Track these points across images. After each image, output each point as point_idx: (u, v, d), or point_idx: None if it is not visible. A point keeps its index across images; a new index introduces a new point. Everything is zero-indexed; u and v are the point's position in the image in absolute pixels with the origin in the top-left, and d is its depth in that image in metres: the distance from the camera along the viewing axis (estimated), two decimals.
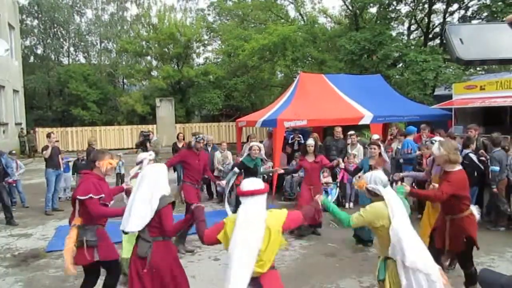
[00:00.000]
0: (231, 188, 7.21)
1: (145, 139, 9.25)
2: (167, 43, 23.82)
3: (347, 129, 9.56)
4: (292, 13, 23.59)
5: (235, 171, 6.61)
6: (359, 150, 8.72)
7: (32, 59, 28.54)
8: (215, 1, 24.79)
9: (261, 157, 6.70)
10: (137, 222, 3.12)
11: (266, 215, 2.74)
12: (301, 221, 3.00)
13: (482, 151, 6.80)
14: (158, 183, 3.20)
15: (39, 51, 29.39)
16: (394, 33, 17.68)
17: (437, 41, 18.17)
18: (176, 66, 24.75)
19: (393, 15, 17.60)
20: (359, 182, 3.37)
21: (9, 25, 19.71)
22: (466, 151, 6.48)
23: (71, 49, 30.67)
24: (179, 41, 23.73)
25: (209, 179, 7.27)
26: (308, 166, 6.57)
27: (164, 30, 23.26)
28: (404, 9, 17.81)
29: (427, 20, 17.94)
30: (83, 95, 23.79)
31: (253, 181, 2.87)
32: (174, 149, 9.66)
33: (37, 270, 5.37)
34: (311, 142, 6.66)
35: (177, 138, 10.19)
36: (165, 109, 20.84)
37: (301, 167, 6.84)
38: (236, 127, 13.55)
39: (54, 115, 25.71)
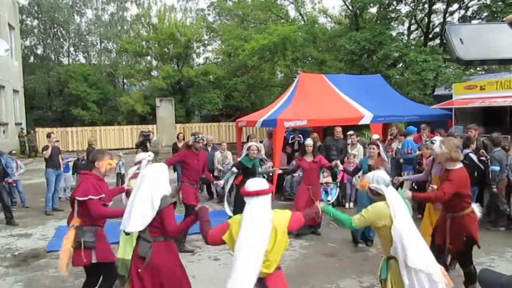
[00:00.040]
0: (231, 188, 7.21)
1: (145, 139, 9.23)
2: (167, 43, 23.82)
3: (347, 129, 9.56)
4: (292, 13, 23.66)
5: (233, 171, 6.62)
6: (359, 150, 8.72)
7: (32, 59, 28.52)
8: (215, 1, 24.79)
9: (261, 157, 6.70)
10: (138, 222, 3.11)
11: (272, 215, 2.74)
12: (303, 223, 3.01)
13: (482, 151, 6.80)
14: (158, 182, 3.19)
15: (39, 51, 29.40)
16: (394, 33, 17.67)
17: (437, 41, 18.17)
18: (176, 66, 24.75)
19: (393, 15, 17.60)
20: (361, 181, 3.37)
21: (9, 25, 19.71)
22: (466, 151, 6.47)
23: (71, 49, 30.67)
24: (179, 41, 23.73)
25: (209, 179, 7.28)
26: (306, 166, 6.58)
27: (164, 30, 23.26)
28: (404, 9, 17.85)
29: (427, 20, 17.94)
30: (83, 95, 23.79)
31: (258, 181, 2.86)
32: (174, 149, 9.67)
33: (37, 270, 5.37)
34: (309, 142, 6.69)
35: (177, 138, 10.21)
36: (165, 109, 20.84)
37: (299, 167, 6.85)
38: (236, 127, 13.55)
39: (54, 115, 25.70)
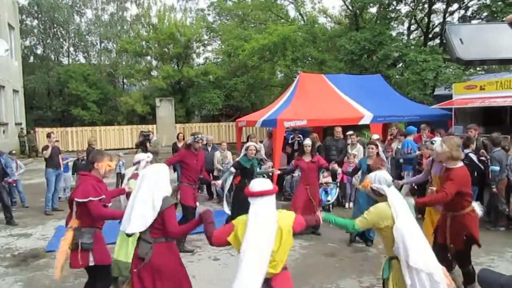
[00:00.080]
0: (230, 187, 7.21)
1: (145, 139, 9.23)
2: (167, 43, 23.82)
3: (347, 129, 9.56)
4: (292, 13, 23.66)
5: (231, 170, 6.63)
6: (359, 150, 8.71)
7: (32, 59, 28.52)
8: (215, 1, 24.79)
9: (260, 157, 6.72)
10: (138, 223, 3.08)
11: (277, 215, 2.75)
12: (304, 227, 3.02)
13: (482, 151, 6.80)
14: (158, 183, 3.17)
15: (39, 51, 29.41)
16: (394, 33, 17.68)
17: (437, 41, 18.17)
18: (176, 66, 24.74)
19: (393, 15, 17.60)
20: (363, 181, 3.37)
21: (9, 25, 19.71)
22: (466, 151, 6.46)
23: (71, 49, 30.68)
24: (179, 41, 23.72)
25: (207, 179, 7.28)
26: (304, 166, 6.59)
27: (164, 30, 23.25)
28: (404, 9, 17.85)
29: (427, 20, 17.94)
30: (83, 95, 23.80)
31: (262, 182, 2.86)
32: (174, 149, 9.67)
33: (37, 270, 5.37)
34: (308, 142, 6.71)
35: (177, 138, 10.21)
36: (165, 109, 20.84)
37: (298, 167, 6.86)
38: (236, 127, 13.54)
39: (54, 115, 25.71)
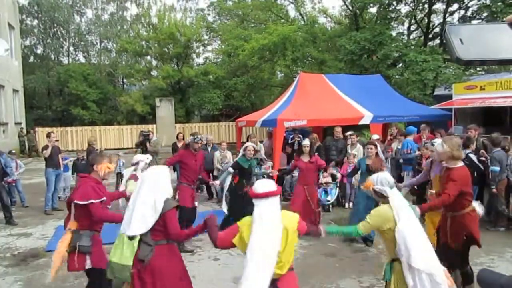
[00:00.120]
0: (229, 187, 7.21)
1: (145, 139, 9.21)
2: (167, 43, 23.81)
3: (347, 129, 9.56)
4: (292, 13, 23.66)
5: (229, 171, 6.63)
6: (358, 150, 8.70)
7: (32, 59, 28.52)
8: (215, 1, 24.79)
9: (260, 157, 6.72)
10: (139, 225, 3.07)
11: (281, 216, 2.76)
12: (306, 231, 3.02)
13: (482, 151, 6.80)
14: (158, 185, 3.16)
15: (39, 51, 29.40)
16: (394, 33, 17.69)
17: (437, 41, 18.18)
18: (176, 66, 24.73)
19: (393, 15, 17.61)
20: (366, 182, 3.37)
21: (9, 25, 19.70)
22: (466, 151, 6.45)
23: (71, 48, 30.67)
24: (179, 41, 23.71)
25: (205, 180, 7.28)
26: (303, 166, 6.60)
27: (164, 30, 23.24)
28: (404, 9, 17.86)
29: (427, 20, 17.95)
30: (83, 94, 23.79)
31: (267, 183, 2.86)
32: (173, 149, 9.67)
33: (37, 269, 5.37)
34: (306, 142, 6.74)
35: (177, 138, 10.20)
36: (165, 109, 20.82)
37: (296, 167, 6.86)
38: (236, 127, 13.55)
39: (54, 114, 25.69)
